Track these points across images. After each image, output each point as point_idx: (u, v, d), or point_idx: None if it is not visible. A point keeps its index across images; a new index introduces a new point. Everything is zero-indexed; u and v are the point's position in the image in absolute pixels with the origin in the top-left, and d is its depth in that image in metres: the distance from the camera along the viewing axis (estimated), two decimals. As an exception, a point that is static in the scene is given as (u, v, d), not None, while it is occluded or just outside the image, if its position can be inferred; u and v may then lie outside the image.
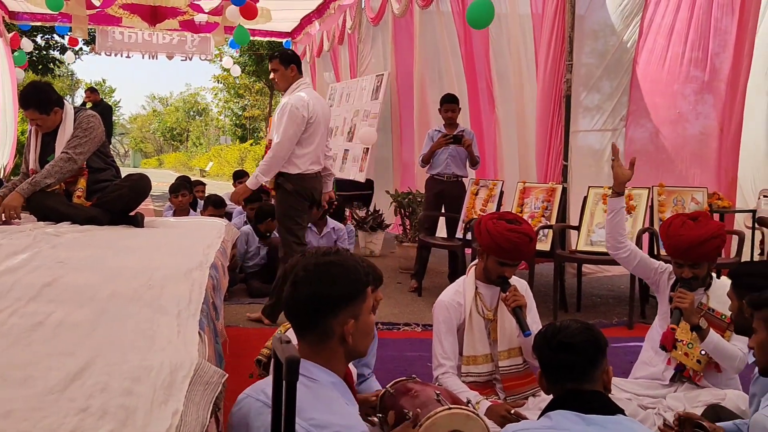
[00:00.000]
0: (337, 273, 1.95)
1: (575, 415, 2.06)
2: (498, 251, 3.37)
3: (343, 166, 10.84)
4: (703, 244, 3.42)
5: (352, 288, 1.95)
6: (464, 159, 7.20)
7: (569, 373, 2.15)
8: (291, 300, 1.97)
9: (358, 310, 1.97)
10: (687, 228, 3.49)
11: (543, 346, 2.22)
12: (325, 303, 1.93)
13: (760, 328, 2.34)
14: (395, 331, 5.64)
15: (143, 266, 2.98)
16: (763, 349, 2.34)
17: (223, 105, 43.62)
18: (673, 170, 7.12)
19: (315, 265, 1.98)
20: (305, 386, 1.88)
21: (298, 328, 2.00)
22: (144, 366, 1.65)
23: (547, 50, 6.94)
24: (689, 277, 3.48)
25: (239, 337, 5.13)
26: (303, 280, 1.94)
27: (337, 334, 1.95)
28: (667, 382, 3.62)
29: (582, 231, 6.30)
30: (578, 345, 2.15)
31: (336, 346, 1.97)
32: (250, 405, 1.91)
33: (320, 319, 1.94)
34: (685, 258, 3.47)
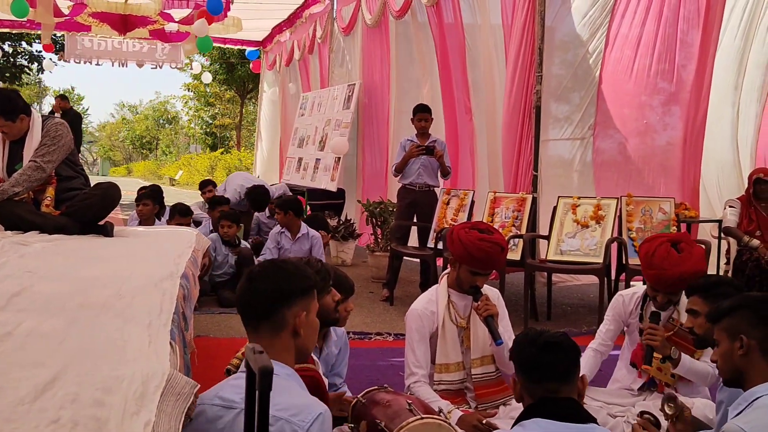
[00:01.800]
0: (291, 269, 2.14)
1: (549, 423, 2.08)
2: (470, 261, 3.40)
3: (314, 176, 10.83)
4: (686, 281, 3.36)
5: (304, 283, 2.13)
6: (436, 169, 7.24)
7: (554, 372, 2.19)
8: (248, 292, 2.12)
9: (308, 305, 2.14)
10: (671, 262, 3.43)
11: (527, 346, 2.26)
12: (281, 294, 2.08)
13: (722, 339, 2.38)
14: (367, 341, 5.63)
15: (113, 276, 2.95)
16: (725, 358, 2.38)
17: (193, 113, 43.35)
18: (641, 181, 7.22)
19: (271, 263, 2.21)
20: None
21: (253, 319, 2.12)
22: (115, 376, 1.64)
23: (516, 61, 7.01)
24: (663, 302, 3.49)
25: (210, 347, 5.10)
26: (260, 274, 2.13)
27: (290, 325, 2.09)
28: (636, 392, 3.67)
29: (552, 240, 6.36)
30: (564, 345, 2.22)
31: (288, 339, 2.10)
32: (207, 413, 1.95)
33: (276, 309, 2.08)
34: (665, 290, 3.46)
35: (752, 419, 2.23)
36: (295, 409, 1.86)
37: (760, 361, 2.31)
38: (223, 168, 30.17)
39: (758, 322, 2.32)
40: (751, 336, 2.31)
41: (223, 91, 35.36)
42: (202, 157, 36.21)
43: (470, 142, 8.51)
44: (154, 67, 16.14)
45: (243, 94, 32.47)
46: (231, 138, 39.70)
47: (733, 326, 2.34)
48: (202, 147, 43.57)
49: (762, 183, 6.39)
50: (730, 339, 2.35)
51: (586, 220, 6.25)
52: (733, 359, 2.34)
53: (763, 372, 2.31)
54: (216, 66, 29.34)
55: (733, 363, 2.35)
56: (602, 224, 6.18)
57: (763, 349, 2.32)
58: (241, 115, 34.50)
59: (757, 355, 2.31)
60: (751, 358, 2.31)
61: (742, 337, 2.31)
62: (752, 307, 2.33)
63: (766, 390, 2.29)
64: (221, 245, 6.85)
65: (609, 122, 7.29)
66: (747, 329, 2.31)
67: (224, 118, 38.43)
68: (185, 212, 7.14)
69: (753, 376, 2.32)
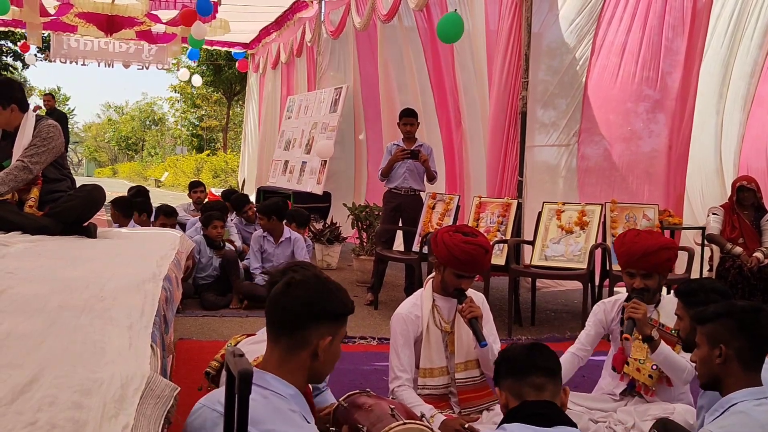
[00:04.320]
0: (333, 289, 2.02)
1: (530, 429, 2.08)
2: (455, 263, 3.40)
3: (300, 179, 10.82)
4: (657, 253, 3.52)
5: (341, 308, 2.01)
6: (422, 173, 7.23)
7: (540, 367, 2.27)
8: (282, 298, 1.98)
9: (336, 330, 2.01)
10: (642, 237, 3.61)
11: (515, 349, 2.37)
12: (314, 310, 1.95)
13: (702, 342, 2.40)
14: (351, 344, 5.63)
15: (95, 277, 2.93)
16: (703, 363, 2.40)
17: (179, 115, 43.21)
18: (625, 187, 7.26)
19: (314, 276, 2.04)
20: (263, 398, 1.88)
21: (276, 330, 2.01)
22: (94, 379, 1.62)
23: (502, 67, 7.03)
24: (640, 287, 3.54)
25: (192, 349, 5.08)
26: (300, 283, 1.98)
27: (311, 345, 1.96)
28: (618, 397, 3.69)
29: (536, 246, 6.38)
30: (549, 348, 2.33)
31: (305, 360, 1.98)
32: (206, 415, 1.90)
33: (304, 325, 1.96)
34: (638, 266, 3.54)
35: (727, 425, 2.25)
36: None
37: (737, 370, 2.33)
38: (209, 170, 30.09)
39: (739, 332, 2.33)
40: (730, 346, 2.32)
41: (210, 93, 35.27)
42: (188, 158, 36.10)
43: (459, 147, 8.53)
44: (141, 68, 16.08)
45: (230, 96, 32.39)
46: (217, 140, 39.58)
47: (714, 333, 2.35)
48: (188, 149, 43.44)
49: (745, 190, 6.44)
50: (709, 345, 2.37)
51: (571, 225, 6.27)
52: (711, 365, 2.36)
53: (740, 379, 2.33)
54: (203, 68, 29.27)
55: (710, 368, 2.38)
56: (586, 230, 6.20)
57: (742, 359, 2.33)
58: (228, 117, 34.41)
59: (735, 364, 2.33)
60: (728, 366, 2.33)
61: (722, 347, 2.32)
62: (735, 317, 2.34)
63: (742, 397, 2.31)
64: (206, 247, 6.82)
65: (594, 129, 7.33)
66: (727, 338, 2.33)
67: (211, 120, 38.35)
68: (170, 213, 7.11)
69: (730, 382, 2.35)
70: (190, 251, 4.93)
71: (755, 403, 2.30)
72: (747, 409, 2.28)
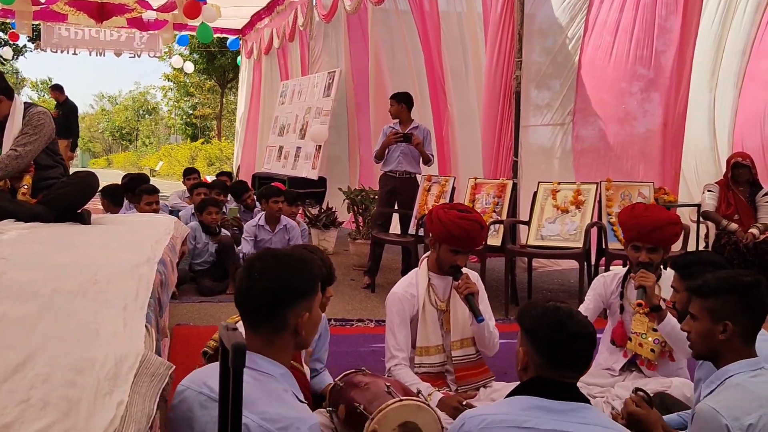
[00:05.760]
0: (297, 265, 1.96)
1: (535, 400, 2.05)
2: (450, 239, 3.40)
3: (295, 164, 10.80)
4: (666, 228, 3.55)
5: (310, 283, 1.97)
6: (417, 156, 7.21)
7: (577, 364, 2.10)
8: (248, 292, 1.95)
9: (312, 303, 1.99)
10: (651, 211, 3.63)
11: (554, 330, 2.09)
12: (285, 295, 1.92)
13: (703, 317, 2.36)
14: (348, 327, 5.63)
15: (89, 262, 2.92)
16: (703, 337, 2.37)
17: (173, 104, 43.04)
18: (620, 167, 7.25)
19: (273, 257, 1.98)
20: (255, 380, 1.87)
21: (252, 320, 1.98)
22: (88, 358, 1.62)
23: (496, 47, 7.00)
24: (646, 261, 3.55)
25: (190, 335, 5.08)
26: (261, 271, 1.93)
27: (291, 326, 1.95)
28: (616, 373, 3.70)
29: (532, 226, 6.37)
30: (590, 335, 2.11)
31: (288, 338, 1.97)
32: (193, 398, 1.88)
33: (278, 311, 1.93)
34: (646, 240, 3.55)
35: (724, 398, 2.25)
36: (284, 421, 1.79)
37: (738, 345, 2.32)
38: (204, 158, 30.01)
39: (745, 310, 2.31)
40: (736, 323, 2.30)
41: (203, 81, 35.12)
42: (183, 147, 36.00)
43: (450, 130, 8.51)
44: (132, 56, 15.99)
45: (223, 84, 32.26)
46: (211, 128, 39.46)
47: (718, 309, 2.32)
48: (182, 137, 43.30)
49: (740, 167, 6.44)
50: (712, 320, 2.34)
51: (566, 205, 6.26)
52: (712, 340, 2.34)
53: (739, 353, 2.33)
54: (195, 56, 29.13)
55: (711, 343, 2.36)
56: (582, 209, 6.20)
57: (745, 336, 2.33)
58: (222, 105, 34.29)
59: (738, 341, 2.32)
60: (731, 343, 2.32)
61: (728, 324, 2.30)
62: (740, 294, 2.31)
63: (738, 369, 2.31)
64: (201, 233, 6.80)
65: (588, 108, 7.31)
66: (732, 316, 2.30)
67: (204, 108, 38.19)
68: (152, 191, 6.94)
69: (728, 356, 2.34)
70: (185, 236, 4.93)
71: (751, 374, 2.30)
72: (743, 381, 2.28)
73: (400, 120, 7.21)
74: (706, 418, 2.20)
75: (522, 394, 2.11)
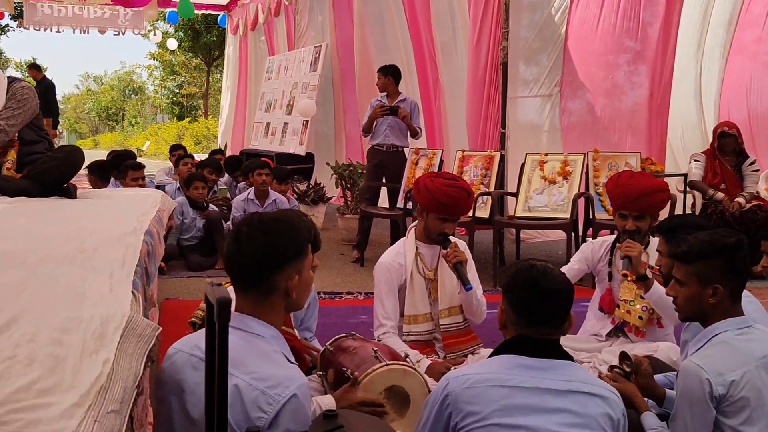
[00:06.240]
0: (283, 229, 1.94)
1: (518, 359, 2.06)
2: (437, 207, 3.41)
3: (282, 140, 10.76)
4: (651, 195, 3.56)
5: (299, 244, 1.95)
6: (404, 129, 7.18)
7: (551, 320, 2.10)
8: (236, 257, 1.94)
9: (302, 265, 1.97)
10: (637, 179, 3.64)
11: (528, 287, 2.10)
12: (273, 259, 1.91)
13: (691, 282, 2.37)
14: (338, 300, 5.65)
15: (76, 233, 2.90)
16: (692, 301, 2.39)
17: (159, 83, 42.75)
18: (608, 139, 7.26)
19: (260, 222, 1.96)
20: (246, 341, 1.88)
21: (241, 284, 1.98)
22: (74, 318, 1.62)
23: (480, 18, 6.96)
24: (633, 229, 3.57)
25: (179, 308, 5.08)
26: (248, 236, 1.92)
27: (281, 289, 1.94)
28: (603, 338, 3.73)
29: (520, 197, 6.39)
30: (565, 292, 2.11)
31: (278, 301, 1.97)
32: (184, 360, 1.88)
33: (267, 276, 1.92)
34: (632, 208, 3.57)
35: (709, 355, 2.28)
36: (273, 380, 1.79)
37: (726, 305, 2.34)
38: (191, 137, 29.89)
39: (732, 271, 2.33)
40: (725, 285, 2.32)
41: (188, 59, 34.87)
42: (170, 126, 35.80)
43: (439, 103, 8.50)
44: (117, 34, 15.82)
45: (209, 62, 32.03)
46: (198, 107, 39.24)
47: (705, 272, 2.33)
48: (169, 117, 43.05)
49: (726, 136, 6.47)
50: (700, 284, 2.35)
51: (554, 176, 6.28)
52: (702, 303, 2.36)
53: (727, 314, 2.35)
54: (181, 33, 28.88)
55: (700, 306, 2.37)
56: (569, 180, 6.21)
57: (732, 297, 2.35)
58: (208, 84, 34.07)
59: (727, 302, 2.34)
60: (719, 305, 2.34)
61: (717, 287, 2.32)
62: (727, 256, 2.32)
63: (724, 327, 2.33)
64: (188, 208, 6.77)
65: (576, 81, 7.31)
66: (721, 278, 2.32)
67: (191, 87, 37.96)
68: (137, 166, 6.91)
69: (716, 317, 2.36)
70: (171, 210, 4.91)
71: (737, 332, 2.32)
72: (729, 339, 2.31)
73: (388, 93, 7.18)
74: (689, 374, 2.23)
75: (504, 353, 2.11)
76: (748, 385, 2.20)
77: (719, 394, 2.19)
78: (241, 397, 1.74)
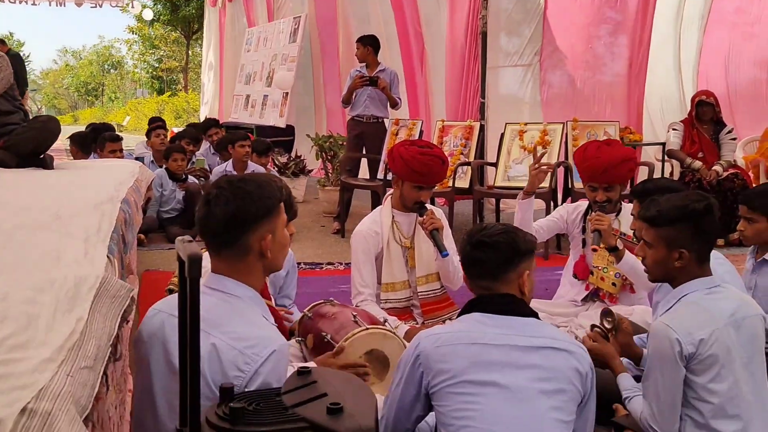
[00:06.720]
0: (252, 189, 1.93)
1: (485, 317, 2.11)
2: (412, 175, 3.42)
3: (262, 112, 10.70)
4: (618, 166, 3.57)
5: (268, 203, 1.94)
6: (384, 100, 7.15)
7: (484, 271, 2.17)
8: (206, 219, 1.93)
9: (274, 224, 1.96)
10: (602, 151, 3.64)
11: (465, 243, 2.21)
12: (242, 220, 1.91)
13: (658, 245, 2.40)
14: (318, 270, 5.66)
15: (52, 201, 2.90)
16: (659, 264, 2.42)
17: (138, 57, 42.27)
18: (588, 110, 7.28)
19: (228, 183, 1.95)
20: (224, 301, 1.89)
21: (214, 246, 1.98)
22: (47, 279, 1.62)
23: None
24: (603, 200, 3.60)
25: (159, 280, 5.07)
26: (217, 198, 1.91)
27: (255, 249, 1.94)
28: (579, 303, 3.78)
29: (499, 167, 6.41)
30: (494, 244, 2.16)
31: (254, 262, 1.96)
32: (164, 320, 1.89)
33: (238, 236, 1.92)
34: (600, 180, 3.59)
35: (678, 315, 2.32)
36: (251, 340, 1.79)
37: (693, 268, 2.37)
38: (171, 111, 29.62)
39: (700, 236, 2.36)
40: (691, 249, 2.35)
41: (168, 33, 34.47)
42: (150, 101, 35.46)
43: (422, 73, 8.47)
44: (94, 6, 15.62)
45: (189, 36, 31.66)
46: (178, 81, 38.86)
47: (673, 237, 2.36)
48: (149, 91, 42.63)
49: (704, 105, 6.50)
50: (667, 248, 2.38)
51: (533, 145, 6.29)
52: (668, 266, 2.39)
53: (694, 274, 2.38)
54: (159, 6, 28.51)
55: (666, 269, 2.41)
56: (549, 149, 6.24)
57: (699, 259, 2.38)
58: (188, 57, 33.70)
59: (693, 264, 2.37)
60: (685, 267, 2.37)
61: (683, 251, 2.35)
62: (695, 221, 2.35)
63: (692, 288, 2.37)
64: (168, 180, 6.74)
65: (556, 53, 7.31)
66: (687, 243, 2.35)
67: (170, 61, 37.56)
68: (115, 138, 6.85)
69: (684, 279, 2.39)
70: (150, 181, 4.90)
71: (706, 292, 2.36)
72: (698, 299, 2.35)
73: (367, 63, 7.15)
74: (659, 335, 2.27)
75: (471, 312, 2.15)
76: (717, 343, 2.24)
77: (689, 353, 2.23)
78: (219, 357, 1.75)
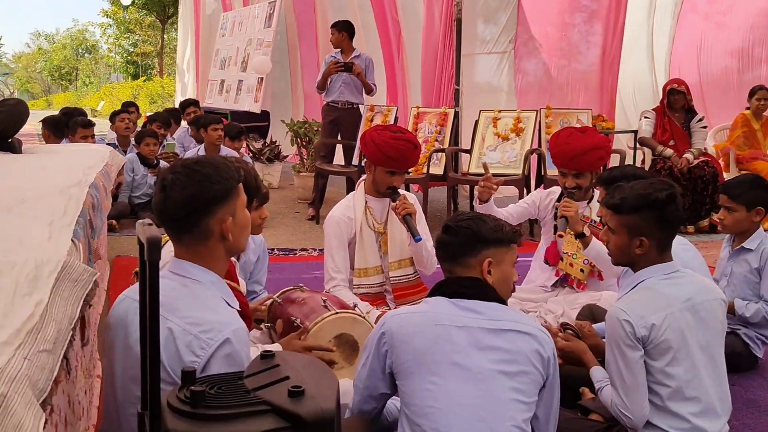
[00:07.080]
0: (209, 172, 1.89)
1: (451, 300, 2.14)
2: (385, 161, 3.42)
3: (237, 98, 10.62)
4: (588, 153, 3.62)
5: (227, 185, 1.90)
6: (359, 86, 7.12)
7: (444, 253, 2.25)
8: (163, 204, 1.88)
9: (233, 206, 1.93)
10: (574, 138, 3.69)
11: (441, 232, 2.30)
12: (201, 204, 1.87)
13: (621, 232, 2.43)
14: (292, 256, 5.66)
15: (17, 186, 2.86)
16: (621, 250, 2.45)
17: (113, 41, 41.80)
18: (563, 99, 7.31)
19: (184, 167, 1.91)
20: (183, 286, 1.87)
21: (174, 232, 1.94)
22: (7, 261, 1.60)
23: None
24: (572, 186, 3.63)
25: (130, 265, 4.98)
26: (173, 183, 1.86)
27: (216, 233, 1.91)
28: (549, 289, 3.81)
29: (474, 154, 6.43)
30: (457, 229, 2.22)
31: (216, 245, 1.93)
32: (129, 305, 1.88)
33: (198, 221, 1.88)
34: (571, 166, 3.63)
35: (633, 300, 2.37)
36: (207, 325, 1.77)
37: (653, 255, 2.41)
38: (146, 96, 29.33)
39: (662, 225, 2.39)
40: (652, 238, 2.38)
41: (143, 17, 34.09)
42: (124, 86, 35.06)
43: (399, 59, 8.45)
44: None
45: (164, 20, 31.37)
46: (153, 66, 38.49)
47: (635, 224, 2.39)
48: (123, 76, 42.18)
49: (675, 93, 6.55)
50: (629, 235, 2.41)
51: (507, 132, 6.33)
52: (629, 253, 2.43)
53: (654, 261, 2.42)
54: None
55: (628, 255, 2.44)
56: (522, 136, 6.27)
57: (660, 247, 2.41)
58: (163, 42, 33.40)
59: (654, 252, 2.40)
60: (646, 254, 2.40)
61: (643, 240, 2.38)
62: (657, 210, 2.38)
63: (650, 273, 2.41)
64: (139, 165, 6.69)
65: (531, 41, 7.32)
66: (649, 231, 2.38)
67: (146, 45, 37.19)
68: (87, 124, 6.77)
69: (643, 265, 2.43)
70: (121, 166, 4.85)
71: (663, 277, 2.40)
72: (654, 284, 2.39)
73: (342, 49, 7.11)
74: (612, 318, 2.33)
75: (437, 294, 2.20)
76: (670, 327, 2.28)
77: (641, 335, 2.27)
78: (175, 342, 1.73)
